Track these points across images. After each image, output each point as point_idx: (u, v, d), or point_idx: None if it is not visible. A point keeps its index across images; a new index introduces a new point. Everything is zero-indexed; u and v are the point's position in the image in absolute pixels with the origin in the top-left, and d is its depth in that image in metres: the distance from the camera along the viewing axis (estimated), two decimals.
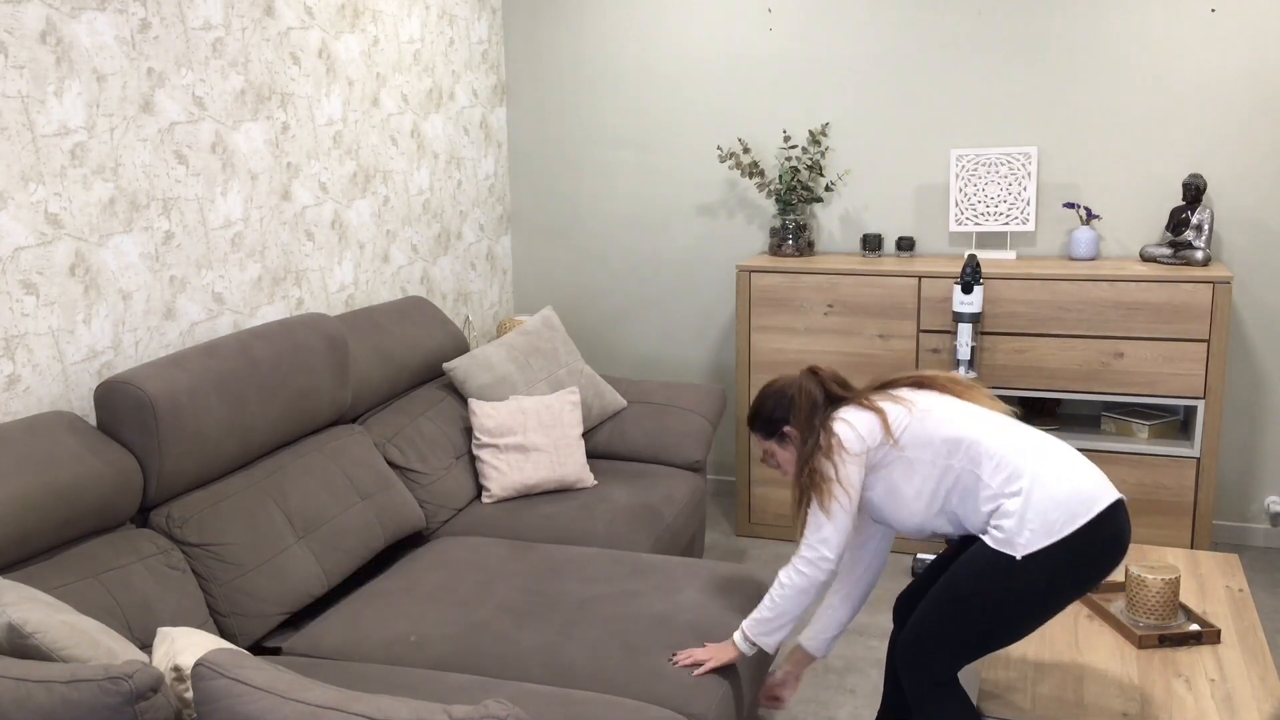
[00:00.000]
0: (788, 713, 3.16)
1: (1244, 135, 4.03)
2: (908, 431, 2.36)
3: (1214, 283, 3.78)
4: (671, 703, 2.38)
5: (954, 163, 4.26)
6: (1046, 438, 2.35)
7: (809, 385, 2.45)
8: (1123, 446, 3.96)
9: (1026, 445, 2.30)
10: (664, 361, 4.91)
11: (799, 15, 4.45)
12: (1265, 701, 2.41)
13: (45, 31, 2.60)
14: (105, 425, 2.60)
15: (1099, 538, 2.24)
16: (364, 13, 3.85)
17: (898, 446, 2.36)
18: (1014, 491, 2.25)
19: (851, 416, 2.39)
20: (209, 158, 3.14)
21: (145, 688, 1.68)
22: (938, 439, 2.33)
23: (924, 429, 2.35)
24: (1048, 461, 2.27)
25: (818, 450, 2.38)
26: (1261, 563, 4.12)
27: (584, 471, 3.59)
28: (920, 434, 2.35)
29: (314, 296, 3.64)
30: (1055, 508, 2.22)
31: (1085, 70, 4.15)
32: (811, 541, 2.39)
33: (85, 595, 2.33)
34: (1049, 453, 2.29)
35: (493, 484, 3.50)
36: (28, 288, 2.60)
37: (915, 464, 2.35)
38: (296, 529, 2.88)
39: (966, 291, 3.90)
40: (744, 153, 4.56)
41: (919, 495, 2.36)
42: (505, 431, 3.55)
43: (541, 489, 3.54)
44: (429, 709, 1.64)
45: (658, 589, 2.83)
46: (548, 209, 4.96)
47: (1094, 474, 2.29)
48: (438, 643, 2.61)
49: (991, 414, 2.39)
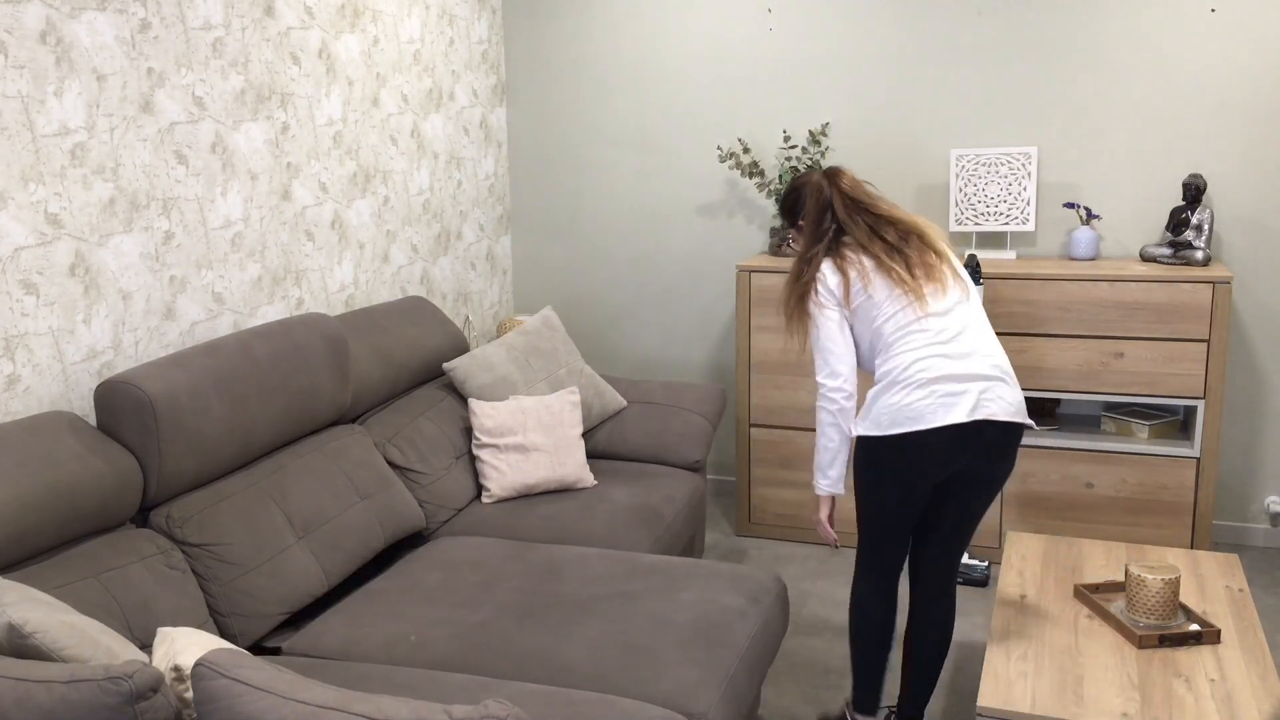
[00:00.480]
0: (788, 713, 3.16)
1: (1244, 135, 4.03)
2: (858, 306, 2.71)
3: (1214, 283, 3.78)
4: (671, 703, 2.38)
5: (954, 163, 4.26)
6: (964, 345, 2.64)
7: (814, 183, 2.81)
8: (1123, 446, 3.96)
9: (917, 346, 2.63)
10: (664, 361, 4.91)
11: (799, 15, 4.45)
12: (1265, 701, 2.41)
13: (45, 31, 2.60)
14: (105, 425, 2.60)
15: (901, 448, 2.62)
16: (364, 13, 3.85)
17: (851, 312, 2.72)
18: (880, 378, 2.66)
19: (827, 270, 2.72)
20: (209, 158, 3.14)
21: (145, 688, 1.68)
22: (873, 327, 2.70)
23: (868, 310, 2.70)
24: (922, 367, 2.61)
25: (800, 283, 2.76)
26: (1261, 563, 4.12)
27: (584, 471, 3.59)
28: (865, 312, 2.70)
29: (314, 296, 3.65)
30: (887, 408, 2.63)
31: (1085, 70, 4.15)
32: (819, 378, 2.75)
33: (85, 595, 2.33)
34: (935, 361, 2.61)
35: (492, 484, 3.50)
36: (28, 288, 2.60)
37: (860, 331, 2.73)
38: (296, 529, 2.88)
39: None
40: (744, 153, 4.56)
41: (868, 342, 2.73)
42: (505, 431, 3.55)
43: (541, 489, 3.55)
44: (429, 709, 1.64)
45: (657, 589, 2.83)
46: (548, 209, 4.96)
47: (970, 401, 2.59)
48: (438, 643, 2.62)
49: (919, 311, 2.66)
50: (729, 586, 2.86)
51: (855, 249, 2.72)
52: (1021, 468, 4.06)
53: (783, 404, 4.30)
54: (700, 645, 2.57)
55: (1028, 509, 4.09)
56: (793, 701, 3.23)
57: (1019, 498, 4.08)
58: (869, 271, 2.68)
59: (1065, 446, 4.01)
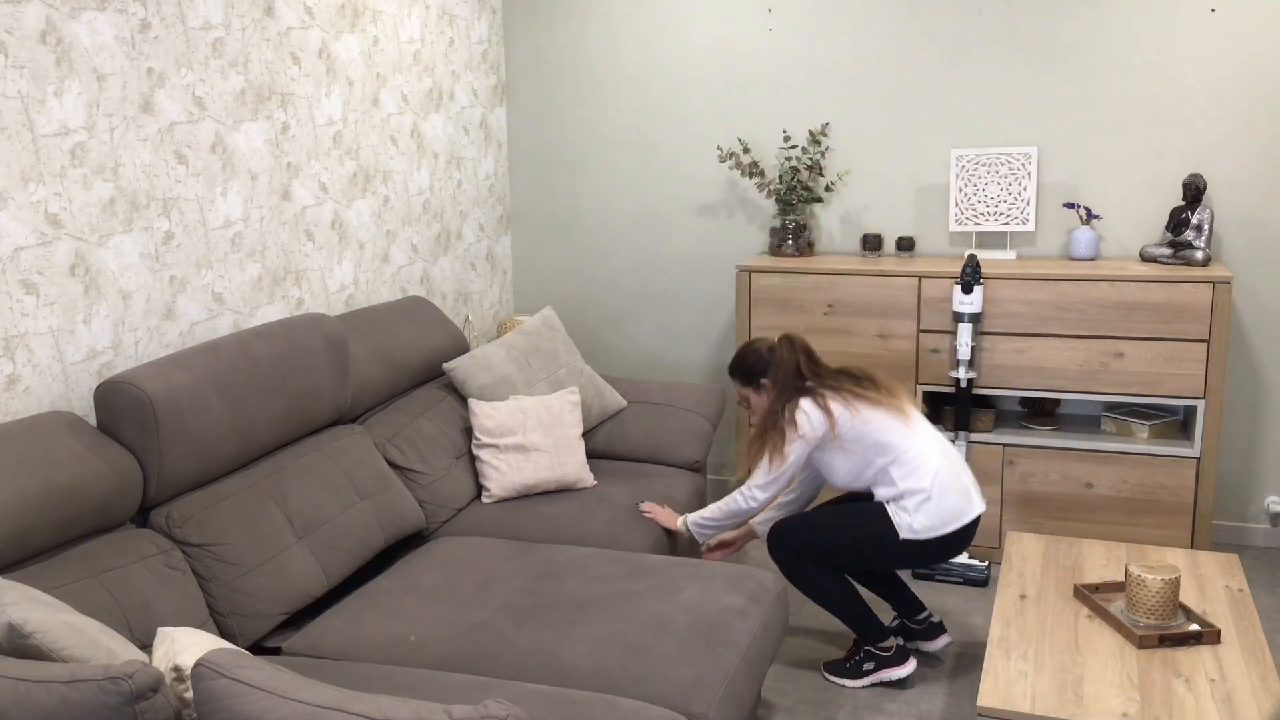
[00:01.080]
0: (788, 711, 3.16)
1: (1244, 135, 4.03)
2: (850, 430, 3.11)
3: (1214, 283, 3.78)
4: (671, 703, 2.38)
5: (954, 163, 4.26)
6: (945, 446, 3.17)
7: (787, 354, 3.20)
8: (1123, 446, 3.96)
9: (931, 456, 3.11)
10: (664, 361, 4.91)
11: (799, 15, 4.45)
12: (1265, 701, 2.41)
13: (45, 31, 2.60)
14: (105, 425, 2.60)
15: (946, 542, 3.12)
16: (364, 13, 3.85)
17: (838, 440, 3.13)
18: (915, 490, 3.08)
19: (808, 408, 3.13)
20: (209, 158, 3.14)
21: (145, 688, 1.68)
22: (870, 441, 3.12)
23: (862, 431, 3.11)
24: (942, 475, 3.09)
25: (780, 422, 3.16)
26: (1261, 563, 4.12)
27: (584, 471, 3.59)
28: (858, 434, 3.12)
29: (314, 296, 3.65)
30: (936, 515, 3.08)
31: (1085, 70, 4.15)
32: (755, 483, 3.22)
33: (85, 595, 2.33)
34: (944, 465, 3.11)
35: (492, 484, 3.50)
36: (28, 288, 2.60)
37: (849, 453, 3.14)
38: (296, 529, 2.88)
39: (966, 291, 3.91)
40: (744, 153, 4.56)
41: (847, 472, 3.17)
42: (505, 431, 3.55)
43: (541, 489, 3.55)
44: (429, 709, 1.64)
45: (657, 589, 2.83)
46: (548, 209, 4.96)
47: (970, 490, 3.16)
48: (438, 643, 2.62)
49: (910, 424, 3.14)
50: (729, 586, 2.86)
51: (831, 391, 3.15)
52: (1021, 468, 4.06)
53: None
54: (700, 645, 2.57)
55: (1028, 509, 4.09)
56: (792, 702, 3.23)
57: (1019, 498, 4.08)
58: (853, 401, 3.12)
59: (1065, 446, 4.01)
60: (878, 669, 3.27)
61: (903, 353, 4.13)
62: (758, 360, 3.25)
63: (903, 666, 3.27)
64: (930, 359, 4.11)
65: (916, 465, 3.10)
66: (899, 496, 3.10)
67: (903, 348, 4.13)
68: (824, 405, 3.11)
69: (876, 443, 3.11)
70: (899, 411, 3.15)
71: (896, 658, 3.27)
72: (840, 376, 3.20)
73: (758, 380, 3.25)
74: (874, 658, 3.27)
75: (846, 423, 3.10)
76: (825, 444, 3.15)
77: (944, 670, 3.39)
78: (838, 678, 3.31)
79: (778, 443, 3.14)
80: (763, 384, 3.24)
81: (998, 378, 4.04)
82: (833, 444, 3.13)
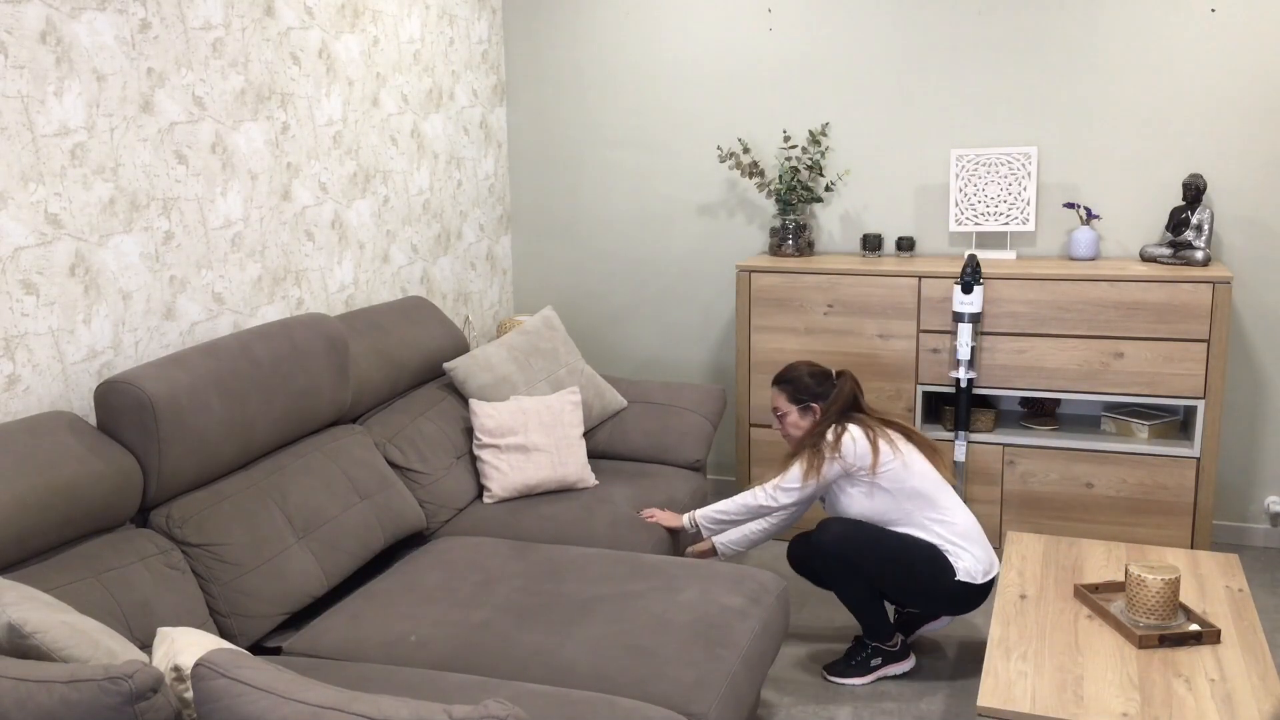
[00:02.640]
0: (788, 712, 3.16)
1: (1244, 135, 4.03)
2: (890, 472, 3.16)
3: (1214, 283, 3.78)
4: (671, 703, 2.38)
5: (954, 163, 4.26)
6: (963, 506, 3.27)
7: (847, 388, 3.28)
8: (1123, 446, 3.96)
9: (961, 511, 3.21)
10: (664, 361, 4.91)
11: (799, 15, 4.45)
12: (1265, 701, 2.41)
13: (45, 31, 2.60)
14: (105, 425, 2.60)
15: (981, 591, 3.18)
16: (364, 13, 3.85)
17: (875, 476, 3.17)
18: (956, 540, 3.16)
19: (858, 436, 3.17)
20: (209, 158, 3.14)
21: (145, 688, 1.68)
22: (908, 486, 3.17)
23: (901, 475, 3.17)
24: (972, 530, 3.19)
25: (825, 439, 3.19)
26: (1261, 563, 4.12)
27: (585, 471, 3.59)
28: (897, 478, 3.17)
29: (314, 296, 3.65)
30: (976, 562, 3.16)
31: (1085, 70, 4.15)
32: (783, 485, 3.23)
33: (85, 595, 2.33)
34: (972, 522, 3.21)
35: (494, 484, 3.50)
36: (28, 288, 2.60)
37: (879, 492, 3.18)
38: (296, 529, 2.88)
39: (966, 291, 3.91)
40: (744, 153, 4.56)
41: (871, 509, 3.21)
42: (506, 432, 3.55)
43: (543, 489, 3.55)
44: (429, 709, 1.64)
45: (658, 589, 2.83)
46: (548, 209, 4.96)
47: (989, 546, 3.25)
48: (438, 643, 2.62)
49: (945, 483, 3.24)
50: (730, 587, 2.86)
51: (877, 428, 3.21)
52: (1021, 468, 4.06)
53: None
54: (700, 646, 2.57)
55: (1028, 509, 4.09)
56: (793, 702, 3.23)
57: (1019, 498, 4.08)
58: (896, 442, 3.19)
59: (1065, 446, 4.01)
60: (884, 664, 3.30)
61: (903, 353, 4.13)
62: (815, 386, 3.28)
63: (906, 661, 3.33)
64: (930, 359, 4.11)
65: (953, 520, 3.18)
66: (943, 541, 3.16)
67: (903, 348, 4.13)
68: (873, 440, 3.16)
69: (916, 490, 3.17)
70: (939, 467, 3.24)
71: (900, 653, 3.32)
72: (887, 423, 3.26)
73: (807, 403, 3.28)
74: (880, 653, 3.30)
75: (889, 463, 3.15)
76: (856, 478, 3.18)
77: (944, 670, 3.39)
78: (842, 678, 3.31)
79: (816, 459, 3.17)
80: (812, 408, 3.28)
81: (998, 378, 4.04)
82: (865, 479, 3.17)
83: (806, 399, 3.29)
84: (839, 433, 3.17)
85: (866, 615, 3.25)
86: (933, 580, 3.14)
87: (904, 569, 3.15)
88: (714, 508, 3.34)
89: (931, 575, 3.14)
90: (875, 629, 3.27)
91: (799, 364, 3.35)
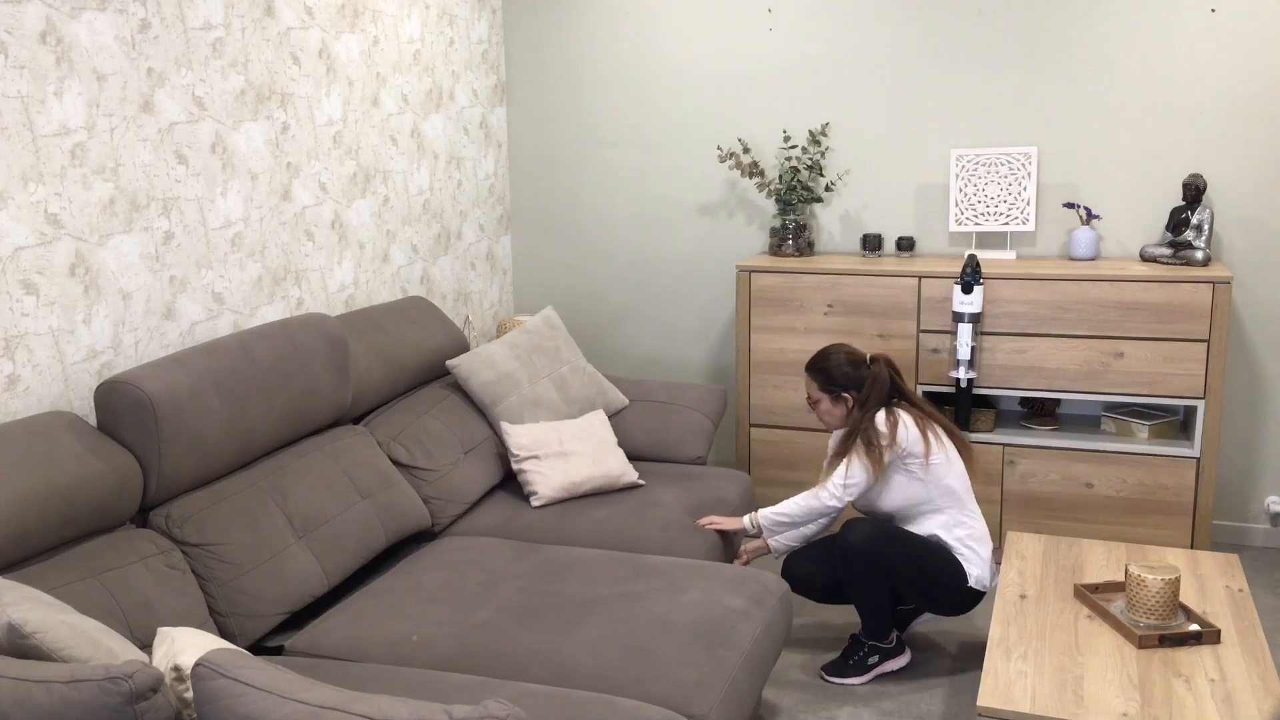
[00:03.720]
0: (789, 713, 3.16)
1: (1244, 135, 4.03)
2: (936, 463, 3.15)
3: (1214, 283, 3.78)
4: (673, 704, 2.38)
5: (954, 163, 4.26)
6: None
7: (883, 375, 3.20)
8: (1123, 446, 3.96)
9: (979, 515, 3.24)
10: (664, 361, 4.91)
11: (799, 15, 4.45)
12: (1265, 701, 2.41)
13: (45, 31, 2.60)
14: (105, 425, 2.60)
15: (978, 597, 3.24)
16: (364, 13, 3.85)
17: (926, 464, 3.14)
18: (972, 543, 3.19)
19: (909, 424, 3.14)
20: (209, 158, 3.14)
21: (145, 688, 1.67)
22: (945, 483, 3.18)
23: (941, 470, 3.17)
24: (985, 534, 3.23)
25: (876, 429, 3.13)
26: (1261, 563, 4.12)
27: (627, 467, 3.57)
28: (939, 471, 3.17)
29: (314, 296, 3.64)
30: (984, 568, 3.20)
31: (1085, 70, 4.15)
32: (842, 483, 3.17)
33: (85, 595, 2.33)
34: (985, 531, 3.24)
35: (539, 487, 3.46)
36: (28, 288, 2.60)
37: (917, 483, 3.17)
38: (296, 529, 2.88)
39: (966, 291, 3.90)
40: (744, 153, 4.56)
41: (905, 499, 3.20)
42: (542, 446, 3.54)
43: (588, 485, 3.50)
44: (430, 709, 1.64)
45: (660, 590, 2.83)
46: (548, 209, 4.96)
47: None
48: (439, 642, 2.61)
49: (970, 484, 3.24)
50: (731, 588, 2.86)
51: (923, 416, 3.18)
52: (1021, 468, 4.06)
53: (783, 404, 4.30)
54: (702, 647, 2.57)
55: (1028, 509, 4.09)
56: (793, 703, 3.23)
57: (1019, 498, 4.09)
58: (942, 436, 3.19)
59: (1065, 446, 4.01)
60: (881, 661, 3.31)
61: (903, 353, 4.13)
62: (848, 372, 3.23)
63: (902, 657, 3.35)
64: (930, 359, 4.11)
65: (974, 525, 3.21)
66: (960, 544, 3.18)
67: (903, 348, 4.13)
68: (922, 429, 3.14)
69: (950, 488, 3.17)
70: (971, 469, 3.25)
71: (896, 649, 3.33)
72: (930, 415, 3.23)
73: (839, 392, 3.24)
74: (878, 650, 3.30)
75: (935, 454, 3.15)
76: (904, 465, 3.16)
77: (944, 670, 3.39)
78: (842, 678, 3.31)
79: (874, 453, 3.12)
80: (844, 397, 3.24)
81: (998, 378, 4.04)
82: (914, 465, 3.15)
83: (838, 388, 3.24)
84: (892, 422, 3.13)
85: (876, 616, 3.24)
86: (949, 584, 3.17)
87: (926, 573, 3.15)
88: (776, 510, 3.28)
89: (949, 579, 3.16)
90: (879, 629, 3.27)
91: (835, 349, 3.28)
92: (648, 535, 3.28)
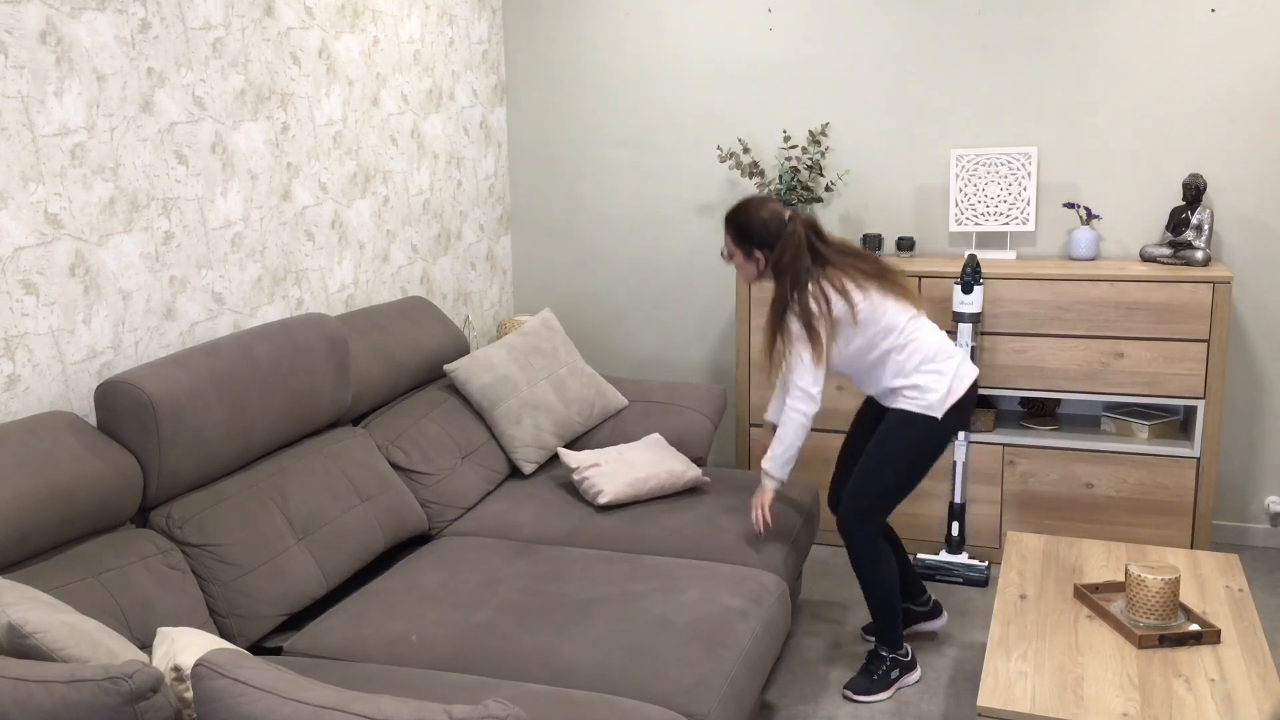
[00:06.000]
0: (788, 712, 3.16)
1: (1244, 135, 4.03)
2: (863, 314, 3.05)
3: (1214, 283, 3.78)
4: (672, 704, 2.38)
5: (954, 163, 4.26)
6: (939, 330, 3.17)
7: (798, 236, 3.05)
8: (1123, 446, 3.96)
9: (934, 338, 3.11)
10: (664, 361, 4.91)
11: (799, 15, 4.45)
12: (1265, 701, 2.41)
13: (45, 31, 2.60)
14: (105, 425, 2.60)
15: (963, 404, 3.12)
16: (364, 13, 3.85)
17: (855, 324, 3.05)
18: (933, 371, 3.08)
19: (830, 293, 3.03)
20: (209, 158, 3.14)
21: (145, 688, 1.68)
22: (882, 323, 3.07)
23: (874, 314, 3.06)
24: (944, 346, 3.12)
25: (799, 308, 3.03)
26: (1261, 563, 4.12)
27: (690, 466, 3.56)
28: (870, 316, 3.06)
29: (314, 296, 3.64)
30: (943, 379, 3.08)
31: (1085, 70, 4.15)
32: (805, 379, 3.07)
33: (85, 595, 2.33)
34: (945, 343, 3.13)
35: (604, 485, 3.43)
36: (28, 288, 2.60)
37: (858, 334, 3.08)
38: (296, 530, 2.88)
39: (966, 291, 3.90)
40: (744, 153, 4.56)
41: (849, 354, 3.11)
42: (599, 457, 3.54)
43: (652, 483, 3.48)
44: (429, 709, 1.64)
45: (659, 590, 2.83)
46: (548, 209, 4.96)
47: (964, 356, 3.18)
48: (439, 643, 2.62)
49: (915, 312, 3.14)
50: (730, 588, 2.86)
51: (841, 274, 3.06)
52: (1021, 468, 4.06)
53: None
54: (701, 646, 2.57)
55: (1028, 509, 4.09)
56: (793, 702, 3.23)
57: (1019, 498, 4.08)
58: (867, 287, 3.07)
59: (1065, 446, 4.01)
60: (901, 675, 3.28)
61: None
62: (764, 229, 3.05)
63: (917, 670, 3.33)
64: None
65: (918, 341, 3.08)
66: (908, 375, 3.07)
67: None
68: (840, 287, 3.02)
69: (889, 326, 3.07)
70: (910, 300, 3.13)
71: (913, 663, 3.31)
72: (847, 255, 3.09)
73: (752, 249, 3.09)
74: (897, 664, 3.27)
75: (863, 306, 3.04)
76: (843, 326, 3.06)
77: (944, 670, 3.39)
78: (867, 695, 3.23)
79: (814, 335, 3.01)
80: (756, 255, 3.09)
81: (998, 378, 4.04)
82: (850, 326, 3.05)
83: (751, 244, 3.09)
84: (822, 298, 3.01)
85: (883, 601, 3.19)
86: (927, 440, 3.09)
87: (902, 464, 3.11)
88: (780, 456, 3.16)
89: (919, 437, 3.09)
90: (890, 628, 3.23)
91: (755, 201, 3.12)
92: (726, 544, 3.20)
